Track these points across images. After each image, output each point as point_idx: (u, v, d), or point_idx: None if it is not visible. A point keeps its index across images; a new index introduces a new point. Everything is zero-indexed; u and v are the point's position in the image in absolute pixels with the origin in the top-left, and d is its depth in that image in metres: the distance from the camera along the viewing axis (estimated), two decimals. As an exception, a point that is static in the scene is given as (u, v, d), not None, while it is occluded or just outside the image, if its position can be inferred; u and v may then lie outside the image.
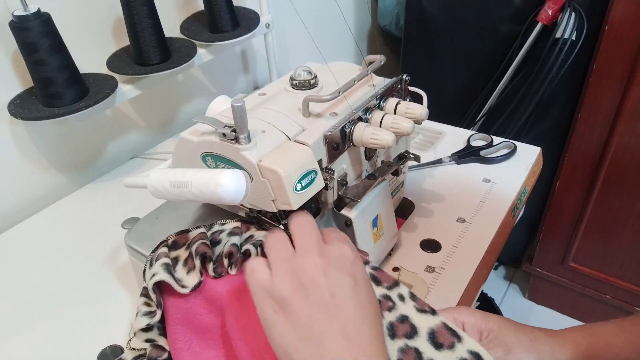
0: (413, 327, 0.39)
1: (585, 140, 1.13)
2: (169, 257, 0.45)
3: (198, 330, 0.45)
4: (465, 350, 0.37)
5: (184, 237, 0.47)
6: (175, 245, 0.46)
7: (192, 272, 0.44)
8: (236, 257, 0.44)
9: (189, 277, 0.44)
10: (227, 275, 0.44)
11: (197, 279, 0.44)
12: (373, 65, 0.55)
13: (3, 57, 0.68)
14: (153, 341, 0.46)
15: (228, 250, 0.44)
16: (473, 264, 0.60)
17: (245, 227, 0.48)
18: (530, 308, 1.51)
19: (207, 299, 0.45)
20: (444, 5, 1.18)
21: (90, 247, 0.67)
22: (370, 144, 0.49)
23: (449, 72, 1.26)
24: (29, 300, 0.60)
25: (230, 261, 0.44)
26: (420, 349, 0.37)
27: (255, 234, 0.47)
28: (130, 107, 0.88)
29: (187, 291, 0.43)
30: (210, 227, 0.48)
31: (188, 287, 0.43)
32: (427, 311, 0.40)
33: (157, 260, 0.44)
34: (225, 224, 0.48)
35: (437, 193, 0.72)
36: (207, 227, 0.48)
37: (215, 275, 0.44)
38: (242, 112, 0.41)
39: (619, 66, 1.00)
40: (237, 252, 0.44)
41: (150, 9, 0.73)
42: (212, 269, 0.44)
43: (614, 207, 1.18)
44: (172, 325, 0.45)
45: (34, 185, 0.78)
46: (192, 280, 0.44)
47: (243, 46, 1.07)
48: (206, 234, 0.47)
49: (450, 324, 0.39)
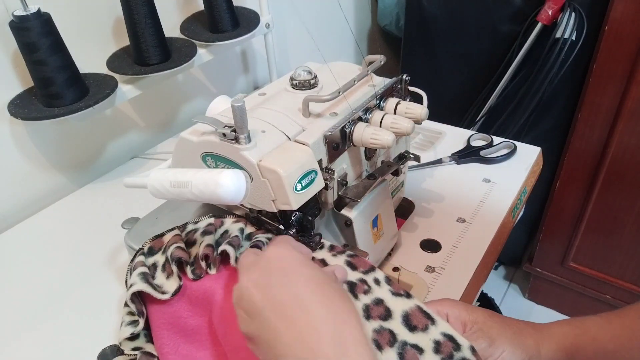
0: (387, 309, 0.39)
1: (585, 140, 1.13)
2: (146, 265, 0.45)
3: (184, 333, 0.46)
4: (439, 332, 0.38)
5: (159, 242, 0.47)
6: (152, 252, 0.47)
7: (171, 277, 0.44)
8: (213, 258, 0.44)
9: (169, 282, 0.44)
10: (207, 275, 0.45)
11: (176, 284, 0.44)
12: (373, 65, 0.55)
13: (3, 57, 0.68)
14: (141, 348, 0.46)
15: (203, 252, 0.44)
16: (473, 264, 0.60)
17: (219, 222, 0.48)
18: (530, 308, 1.51)
19: (191, 301, 0.45)
20: (444, 5, 1.18)
21: (90, 247, 0.67)
22: (370, 144, 0.49)
23: (449, 72, 1.26)
24: (29, 300, 0.60)
25: (207, 262, 0.44)
26: (395, 330, 0.38)
27: (230, 229, 0.47)
28: (130, 107, 0.88)
29: (168, 296, 0.43)
30: (184, 227, 0.48)
31: (168, 292, 0.44)
32: (402, 295, 0.40)
33: (134, 270, 0.45)
34: (198, 222, 0.48)
35: (437, 193, 0.72)
36: (181, 228, 0.48)
37: (195, 277, 0.44)
38: (242, 112, 0.41)
39: (619, 66, 1.00)
40: (213, 252, 0.44)
41: (150, 9, 0.73)
42: (190, 272, 0.44)
43: (614, 207, 1.18)
44: (158, 331, 0.45)
45: (34, 185, 0.78)
46: (172, 286, 0.44)
47: (243, 46, 1.07)
48: (180, 236, 0.47)
49: (425, 307, 0.39)
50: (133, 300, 0.44)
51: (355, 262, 0.43)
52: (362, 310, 0.39)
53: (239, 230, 0.46)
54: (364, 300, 0.40)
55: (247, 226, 0.48)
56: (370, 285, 0.41)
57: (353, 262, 0.43)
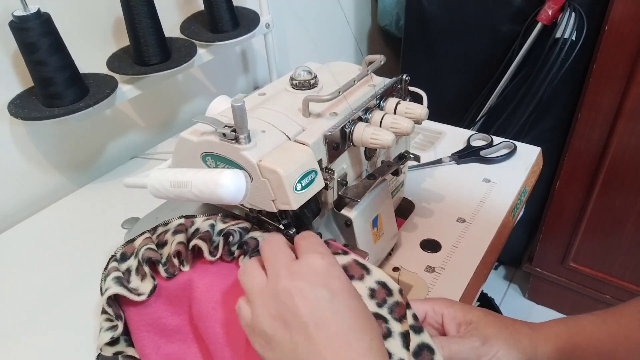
0: None
1: (585, 140, 1.13)
2: (120, 270, 0.45)
3: (164, 333, 0.46)
4: (374, 280, 0.39)
5: (130, 247, 0.47)
6: (124, 257, 0.47)
7: (145, 278, 0.44)
8: (185, 254, 0.45)
9: (144, 284, 0.44)
10: (181, 272, 0.45)
11: (150, 284, 0.44)
12: (373, 65, 0.55)
13: (3, 57, 0.68)
14: (122, 353, 0.46)
15: (175, 249, 0.44)
16: (473, 264, 0.60)
17: (189, 221, 0.48)
18: (530, 308, 1.51)
19: (169, 300, 0.45)
20: (444, 5, 1.18)
21: (90, 247, 0.67)
22: (370, 144, 0.49)
23: (449, 72, 1.26)
24: (29, 300, 0.60)
25: (180, 259, 0.45)
26: None
27: (201, 226, 0.47)
28: (130, 107, 0.88)
29: (144, 297, 0.43)
30: (155, 229, 0.48)
31: (144, 293, 0.44)
32: (340, 253, 0.41)
33: (109, 276, 0.45)
34: (168, 223, 0.48)
35: (437, 193, 0.72)
36: (152, 231, 0.48)
37: (169, 276, 0.45)
38: (242, 112, 0.41)
39: (619, 66, 1.00)
40: (184, 249, 0.44)
41: (150, 9, 0.73)
42: (163, 271, 0.45)
43: (614, 207, 1.18)
44: (137, 333, 0.45)
45: (34, 185, 0.78)
46: (147, 287, 0.44)
47: (243, 46, 1.07)
48: (151, 238, 0.47)
49: (361, 260, 0.40)
50: (110, 304, 0.44)
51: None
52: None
53: (210, 226, 0.46)
54: None
55: (217, 222, 0.48)
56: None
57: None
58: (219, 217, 0.48)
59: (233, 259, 0.45)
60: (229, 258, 0.45)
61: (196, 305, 0.44)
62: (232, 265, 0.45)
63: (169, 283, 0.45)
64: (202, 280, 0.44)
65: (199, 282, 0.44)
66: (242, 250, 0.45)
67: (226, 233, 0.45)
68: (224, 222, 0.48)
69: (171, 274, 0.45)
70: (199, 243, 0.44)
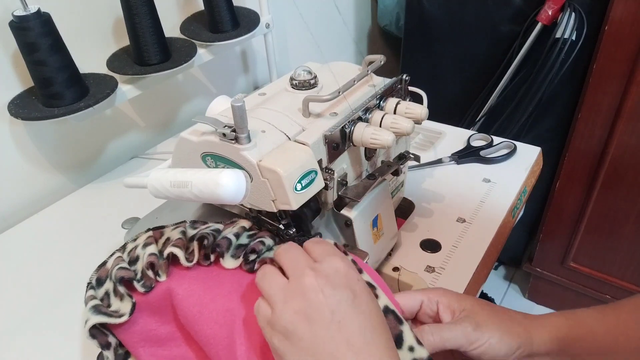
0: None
1: (585, 140, 1.13)
2: (97, 297, 0.45)
3: (159, 342, 0.45)
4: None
5: (104, 270, 0.46)
6: (100, 282, 0.46)
7: (124, 298, 0.44)
8: (159, 264, 0.44)
9: (124, 303, 0.44)
10: (158, 283, 0.44)
11: (129, 303, 0.43)
12: (373, 65, 0.55)
13: (3, 57, 0.68)
14: None
15: (147, 261, 0.44)
16: (473, 264, 0.60)
17: (158, 233, 0.47)
18: (530, 308, 1.51)
19: (154, 310, 0.45)
20: (444, 5, 1.18)
21: (90, 247, 0.67)
22: (370, 144, 0.49)
23: (449, 72, 1.26)
24: (29, 300, 0.60)
25: (154, 271, 0.44)
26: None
27: (171, 235, 0.46)
28: (130, 107, 0.88)
29: (126, 318, 0.43)
30: (124, 247, 0.47)
31: (125, 313, 0.43)
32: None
33: (86, 305, 0.44)
34: (137, 238, 0.47)
35: (437, 193, 0.72)
36: (122, 250, 0.47)
37: (146, 290, 0.44)
38: (242, 112, 0.41)
39: (619, 66, 1.00)
40: (157, 259, 0.44)
41: (150, 9, 0.73)
42: (140, 286, 0.44)
43: (613, 207, 1.18)
44: (134, 350, 0.45)
45: (34, 185, 0.78)
46: (127, 307, 0.43)
47: (243, 46, 1.07)
48: (122, 257, 0.46)
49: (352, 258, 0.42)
50: (93, 334, 0.43)
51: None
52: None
53: (180, 233, 0.46)
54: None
55: (188, 229, 0.47)
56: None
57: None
58: (188, 224, 0.48)
59: (210, 262, 0.45)
60: (206, 262, 0.45)
61: (180, 312, 0.43)
62: (211, 269, 0.45)
63: (149, 296, 0.44)
64: (181, 287, 0.44)
65: (178, 289, 0.43)
66: (218, 253, 0.44)
67: (200, 237, 0.44)
68: (194, 227, 0.47)
69: (149, 287, 0.44)
70: (174, 250, 0.43)
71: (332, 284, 0.35)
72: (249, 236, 0.46)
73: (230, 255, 0.45)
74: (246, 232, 0.47)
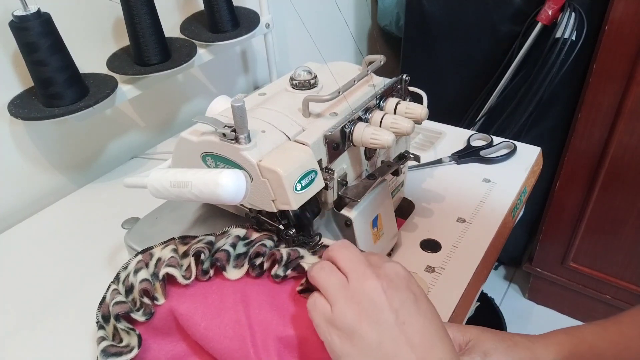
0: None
1: (585, 140, 1.13)
2: (107, 336, 0.44)
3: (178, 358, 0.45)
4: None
5: (105, 306, 0.45)
6: (106, 319, 0.45)
7: (129, 332, 0.43)
8: (154, 288, 0.43)
9: (131, 337, 0.43)
10: (158, 307, 0.44)
11: (135, 335, 0.43)
12: (373, 65, 0.55)
13: (3, 57, 0.68)
14: None
15: (141, 288, 0.43)
16: (473, 264, 0.60)
17: (147, 256, 0.46)
18: (530, 308, 1.51)
19: (162, 335, 0.44)
20: (444, 5, 1.18)
21: (90, 247, 0.67)
22: (370, 144, 0.49)
23: (449, 72, 1.26)
24: (29, 300, 0.60)
25: (150, 296, 0.43)
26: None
27: (162, 255, 0.45)
28: (130, 107, 0.88)
29: (137, 351, 0.42)
30: (117, 278, 0.47)
31: (135, 346, 0.42)
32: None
33: (98, 347, 0.43)
34: (127, 265, 0.46)
35: (437, 193, 0.72)
36: (115, 281, 0.46)
37: (148, 317, 0.43)
38: (242, 112, 0.41)
39: (619, 66, 1.00)
40: (150, 284, 0.43)
41: (150, 9, 0.73)
42: (139, 316, 0.43)
43: (614, 207, 1.18)
44: None
45: (34, 185, 0.78)
46: (134, 339, 0.43)
47: (243, 46, 1.07)
48: (117, 289, 0.45)
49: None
50: None
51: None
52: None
53: (172, 251, 0.45)
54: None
55: (178, 246, 0.47)
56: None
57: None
58: (177, 240, 0.47)
59: (209, 277, 0.44)
60: (204, 277, 0.44)
61: (188, 330, 0.43)
62: (211, 283, 0.45)
63: (153, 322, 0.44)
64: (183, 306, 0.43)
65: (180, 308, 0.43)
66: (218, 267, 0.44)
67: (196, 253, 0.44)
68: (185, 243, 0.47)
69: (149, 314, 0.43)
70: (169, 271, 0.43)
71: (395, 286, 0.35)
72: (246, 244, 0.46)
73: (232, 267, 0.44)
74: (241, 241, 0.46)
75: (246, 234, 0.47)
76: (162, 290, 0.44)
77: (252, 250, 0.45)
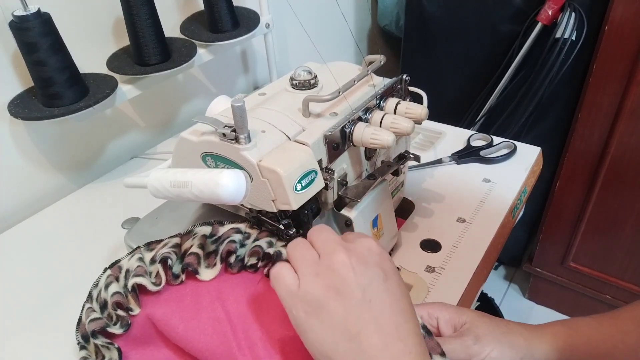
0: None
1: (585, 140, 1.13)
2: (90, 356, 0.44)
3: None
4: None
5: (82, 327, 0.45)
6: (86, 339, 0.44)
7: (111, 346, 0.43)
8: (127, 300, 0.43)
9: (112, 352, 0.43)
10: (134, 317, 0.44)
11: (115, 349, 0.43)
12: (373, 65, 0.55)
13: (3, 57, 0.68)
14: None
15: (113, 301, 0.43)
16: (473, 264, 0.60)
17: (116, 269, 0.46)
18: (530, 308, 1.51)
19: (142, 343, 0.44)
20: (444, 5, 1.18)
21: (90, 247, 0.67)
22: (370, 144, 0.49)
23: (449, 72, 1.26)
24: (29, 300, 0.60)
25: (124, 307, 0.43)
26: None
27: (129, 266, 0.45)
28: (130, 107, 0.88)
29: None
30: (90, 297, 0.46)
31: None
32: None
33: None
34: (98, 282, 0.46)
35: (437, 193, 0.72)
36: (88, 299, 0.46)
37: (125, 329, 0.43)
38: (242, 112, 0.41)
39: (619, 66, 1.00)
40: (122, 296, 0.43)
41: (150, 9, 0.73)
42: (117, 329, 0.43)
43: (614, 207, 1.18)
44: None
45: (34, 185, 0.78)
46: (115, 353, 0.43)
47: (243, 46, 1.07)
48: (92, 307, 0.45)
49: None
50: None
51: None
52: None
53: (138, 260, 0.45)
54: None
55: (144, 253, 0.47)
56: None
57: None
58: (142, 248, 0.47)
59: (181, 281, 0.44)
60: (176, 281, 0.44)
61: (168, 335, 0.43)
62: (184, 286, 0.45)
63: (132, 332, 0.43)
64: (159, 312, 0.43)
65: (156, 314, 0.43)
66: (190, 271, 0.44)
67: (162, 259, 0.44)
68: (150, 249, 0.47)
69: (126, 326, 0.43)
70: (137, 280, 0.43)
71: (364, 262, 0.35)
72: (214, 242, 0.46)
73: (204, 267, 0.44)
74: (209, 238, 0.46)
75: (212, 231, 0.47)
76: (135, 301, 0.44)
77: (222, 248, 0.45)
